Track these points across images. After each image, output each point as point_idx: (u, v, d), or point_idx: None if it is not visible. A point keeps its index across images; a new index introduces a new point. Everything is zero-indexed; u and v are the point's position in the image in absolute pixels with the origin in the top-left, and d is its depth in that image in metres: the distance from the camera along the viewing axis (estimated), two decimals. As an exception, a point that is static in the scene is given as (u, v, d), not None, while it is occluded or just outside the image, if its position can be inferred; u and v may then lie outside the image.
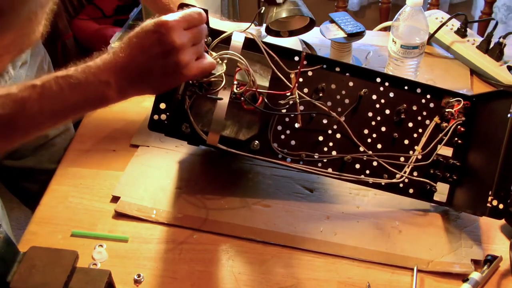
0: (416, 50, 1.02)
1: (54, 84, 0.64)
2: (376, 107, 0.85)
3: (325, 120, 0.85)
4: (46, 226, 0.86)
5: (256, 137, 0.83)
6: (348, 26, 1.12)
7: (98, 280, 0.66)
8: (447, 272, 0.78)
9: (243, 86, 0.79)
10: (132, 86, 0.68)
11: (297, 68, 0.82)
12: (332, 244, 0.82)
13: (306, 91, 0.84)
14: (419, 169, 0.85)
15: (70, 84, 0.65)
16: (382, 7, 1.84)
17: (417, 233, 0.84)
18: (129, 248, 0.82)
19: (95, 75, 0.65)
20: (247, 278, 0.78)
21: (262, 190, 0.90)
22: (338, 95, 0.85)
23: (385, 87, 0.85)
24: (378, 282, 0.77)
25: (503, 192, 0.74)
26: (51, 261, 0.65)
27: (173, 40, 0.66)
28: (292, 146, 0.84)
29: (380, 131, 0.85)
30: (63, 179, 0.94)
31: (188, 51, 0.68)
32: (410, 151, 0.85)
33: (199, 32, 0.70)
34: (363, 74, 0.85)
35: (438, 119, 0.85)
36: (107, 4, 2.10)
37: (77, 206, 0.89)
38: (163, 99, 0.79)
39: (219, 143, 0.80)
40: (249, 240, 0.83)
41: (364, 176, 0.85)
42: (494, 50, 1.13)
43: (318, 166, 0.85)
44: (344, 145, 0.85)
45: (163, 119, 0.76)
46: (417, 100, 0.85)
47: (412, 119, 0.86)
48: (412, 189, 0.86)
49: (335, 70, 0.85)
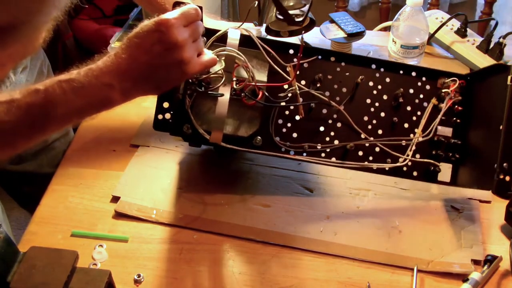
0: (416, 50, 1.02)
1: (57, 88, 0.64)
2: (373, 94, 0.86)
3: (324, 110, 0.85)
4: (46, 226, 0.86)
5: (258, 133, 0.83)
6: (348, 26, 1.12)
7: (98, 280, 0.66)
8: (447, 272, 0.78)
9: (242, 82, 0.79)
10: (135, 87, 0.68)
11: (293, 61, 0.83)
12: (332, 244, 0.82)
13: (304, 83, 0.85)
14: (421, 151, 0.86)
15: (73, 88, 0.65)
16: (382, 7, 1.84)
17: (417, 233, 0.84)
18: (129, 248, 0.82)
19: (98, 78, 0.65)
20: (247, 278, 0.78)
21: (262, 190, 0.90)
22: (335, 85, 0.86)
23: (380, 73, 0.87)
24: (378, 282, 0.77)
25: (508, 164, 0.74)
26: (51, 261, 0.65)
27: (175, 37, 0.66)
28: (294, 139, 0.85)
29: (380, 117, 0.86)
30: (63, 179, 0.94)
31: (190, 48, 0.68)
32: (411, 134, 0.87)
33: (197, 28, 0.70)
34: (358, 62, 0.87)
35: (435, 100, 0.86)
36: (107, 4, 2.10)
37: (77, 206, 0.89)
38: (166, 98, 0.80)
39: (222, 141, 0.80)
40: (249, 240, 0.83)
41: (367, 162, 0.86)
42: (494, 50, 1.13)
43: (322, 156, 0.85)
44: (346, 134, 0.86)
45: (167, 118, 0.76)
46: (413, 83, 0.87)
47: (410, 102, 0.87)
48: (416, 172, 0.87)
49: (330, 60, 0.86)
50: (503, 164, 0.73)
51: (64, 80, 0.65)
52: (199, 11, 0.71)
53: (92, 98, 0.66)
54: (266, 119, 0.83)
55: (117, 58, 0.66)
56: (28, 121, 0.63)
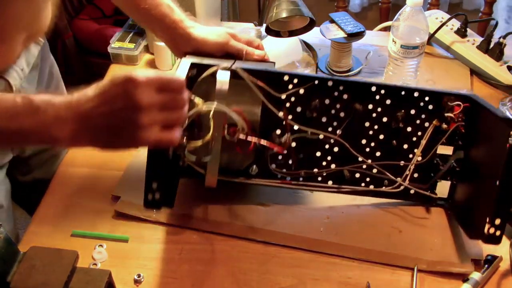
0: (416, 50, 1.02)
1: (11, 98, 0.62)
2: (372, 117, 0.83)
3: (321, 136, 0.83)
4: (46, 226, 0.86)
5: (253, 162, 0.82)
6: (348, 26, 1.12)
7: (98, 280, 0.66)
8: (447, 272, 0.78)
9: (233, 128, 0.76)
10: (86, 133, 0.64)
11: (288, 88, 0.79)
12: (332, 244, 0.82)
13: (299, 109, 0.81)
14: (420, 171, 0.85)
15: (29, 106, 0.62)
16: (382, 7, 1.84)
17: (417, 233, 0.84)
18: (129, 248, 0.82)
19: (56, 110, 0.63)
20: (247, 278, 0.78)
21: (262, 190, 0.90)
22: (332, 110, 0.82)
23: (381, 95, 0.82)
24: (378, 282, 0.77)
25: (500, 220, 0.72)
26: (51, 261, 0.65)
27: (138, 98, 0.61)
28: (290, 165, 0.83)
29: (378, 139, 0.84)
30: (63, 179, 0.94)
31: (152, 114, 0.62)
32: (410, 154, 0.84)
33: (173, 100, 0.65)
34: (357, 86, 0.82)
35: (437, 122, 0.83)
36: (107, 4, 2.10)
37: (77, 206, 0.89)
38: (155, 177, 0.73)
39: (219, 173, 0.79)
40: (249, 240, 0.83)
41: (364, 184, 0.85)
42: (494, 50, 1.13)
43: (318, 180, 0.85)
44: (343, 157, 0.84)
45: (157, 198, 0.73)
46: (415, 104, 0.82)
47: (411, 123, 0.83)
48: (412, 194, 0.85)
49: (328, 84, 0.81)
50: (495, 220, 0.72)
51: (24, 96, 0.63)
52: (182, 84, 0.65)
53: (40, 126, 0.63)
54: (262, 147, 0.81)
55: (81, 101, 0.63)
56: None
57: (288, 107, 0.81)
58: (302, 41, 1.21)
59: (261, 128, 0.81)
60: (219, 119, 0.75)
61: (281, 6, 1.01)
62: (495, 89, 1.12)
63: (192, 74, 0.77)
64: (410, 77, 1.07)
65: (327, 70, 1.17)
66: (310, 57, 1.21)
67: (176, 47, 0.89)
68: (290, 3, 1.01)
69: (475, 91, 1.12)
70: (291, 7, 1.02)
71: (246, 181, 0.83)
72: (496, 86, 1.12)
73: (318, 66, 1.17)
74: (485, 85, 1.14)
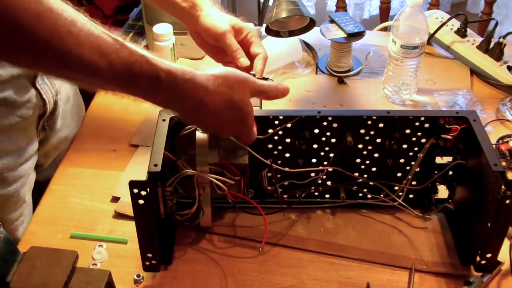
0: (416, 50, 1.02)
1: (155, 74, 0.62)
2: (365, 139, 0.80)
3: (314, 160, 0.83)
4: (46, 226, 0.86)
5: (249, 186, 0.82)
6: (348, 26, 1.12)
7: (98, 280, 0.66)
8: (447, 274, 0.78)
9: (222, 185, 0.76)
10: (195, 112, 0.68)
11: (276, 125, 0.79)
12: (332, 244, 0.82)
13: (289, 141, 0.81)
14: (418, 179, 0.84)
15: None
16: (382, 7, 1.84)
17: (417, 233, 0.84)
18: (129, 248, 0.82)
19: (195, 86, 0.66)
20: (247, 278, 0.78)
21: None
22: (323, 137, 0.81)
23: (373, 120, 0.79)
24: (378, 282, 0.77)
25: (492, 255, 0.73)
26: (51, 261, 0.65)
27: (247, 136, 0.74)
28: (286, 186, 0.83)
29: (373, 158, 0.83)
30: (63, 179, 0.94)
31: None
32: (407, 167, 0.83)
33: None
34: (347, 117, 0.79)
35: (434, 140, 0.80)
36: (107, 4, 2.10)
37: (77, 206, 0.89)
38: (148, 248, 0.74)
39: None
40: (249, 240, 0.83)
41: (362, 194, 0.85)
42: (494, 50, 1.13)
43: (315, 195, 0.86)
44: (338, 175, 0.83)
45: (154, 263, 0.75)
46: (410, 124, 0.79)
47: (406, 141, 0.81)
48: (409, 205, 0.85)
49: (316, 116, 0.79)
50: (486, 255, 0.73)
51: (167, 72, 0.63)
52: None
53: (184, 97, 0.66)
54: (257, 169, 0.80)
55: (212, 87, 0.67)
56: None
57: (277, 140, 0.81)
58: (302, 41, 1.21)
59: (250, 169, 0.79)
60: (203, 181, 0.76)
61: (281, 6, 1.01)
62: (495, 89, 1.12)
63: (174, 123, 0.77)
64: (410, 77, 1.07)
65: (327, 70, 1.17)
66: (310, 57, 1.21)
67: (187, 26, 0.92)
68: (290, 3, 1.01)
69: (475, 91, 1.12)
70: (291, 7, 1.01)
71: (244, 205, 0.82)
72: (496, 86, 1.12)
73: (318, 66, 1.17)
74: (485, 85, 1.14)
